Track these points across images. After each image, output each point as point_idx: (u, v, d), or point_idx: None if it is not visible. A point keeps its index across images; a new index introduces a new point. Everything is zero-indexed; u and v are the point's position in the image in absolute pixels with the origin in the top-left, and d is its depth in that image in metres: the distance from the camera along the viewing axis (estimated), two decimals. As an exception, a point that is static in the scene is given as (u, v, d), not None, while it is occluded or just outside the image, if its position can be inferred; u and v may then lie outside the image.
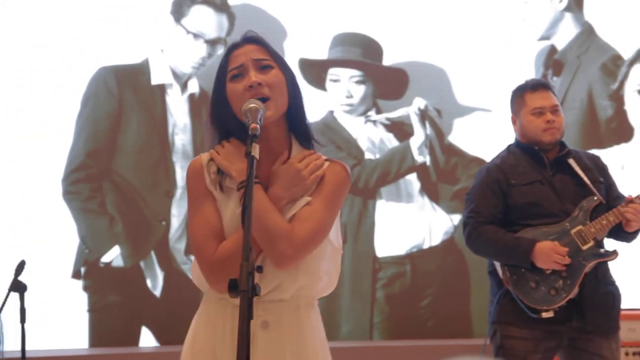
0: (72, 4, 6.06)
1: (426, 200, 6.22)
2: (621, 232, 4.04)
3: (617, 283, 4.15)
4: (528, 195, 4.04)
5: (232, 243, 2.37)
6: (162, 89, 6.09)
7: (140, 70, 6.08)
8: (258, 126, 2.16)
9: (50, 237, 5.88)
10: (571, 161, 4.10)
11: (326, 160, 2.49)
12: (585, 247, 3.99)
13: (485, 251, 4.09)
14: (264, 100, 2.36)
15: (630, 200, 3.99)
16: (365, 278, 6.12)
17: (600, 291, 4.00)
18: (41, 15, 6.00)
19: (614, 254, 4.04)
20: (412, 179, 6.24)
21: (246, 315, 1.72)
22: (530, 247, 3.93)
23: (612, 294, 4.08)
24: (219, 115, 2.48)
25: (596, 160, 4.24)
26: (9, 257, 5.16)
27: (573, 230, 4.00)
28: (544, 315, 3.92)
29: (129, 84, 6.06)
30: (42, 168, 5.93)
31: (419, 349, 5.92)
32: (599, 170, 4.16)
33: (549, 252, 3.91)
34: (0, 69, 5.95)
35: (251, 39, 2.50)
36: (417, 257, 6.21)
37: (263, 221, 2.31)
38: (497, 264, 4.05)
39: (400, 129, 6.27)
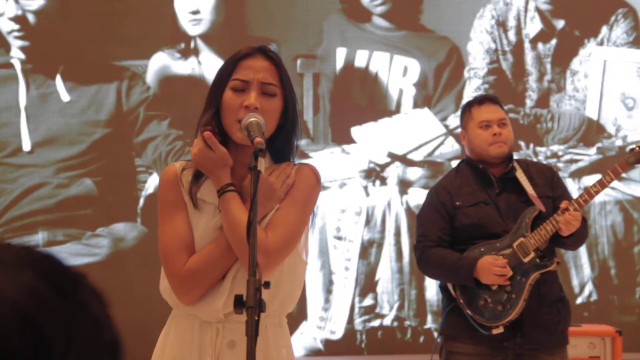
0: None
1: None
2: (558, 239, 4.03)
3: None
4: (472, 217, 4.05)
5: (202, 256, 2.38)
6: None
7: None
8: (264, 140, 2.15)
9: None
10: (519, 175, 4.11)
11: (295, 164, 2.51)
12: (526, 260, 4.00)
13: (434, 274, 4.19)
14: None
15: (566, 208, 3.96)
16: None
17: (544, 309, 4.02)
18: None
19: (553, 263, 4.03)
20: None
21: (253, 332, 1.70)
22: (472, 265, 3.94)
23: (557, 310, 4.08)
24: (208, 107, 2.49)
25: (546, 172, 4.23)
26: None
27: (515, 243, 4.01)
28: (494, 331, 3.94)
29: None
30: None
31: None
32: (548, 184, 4.17)
33: (488, 267, 3.93)
34: None
35: (266, 54, 2.49)
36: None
37: (236, 229, 2.32)
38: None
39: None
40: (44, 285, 0.88)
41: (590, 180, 6.37)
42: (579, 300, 6.36)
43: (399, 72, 6.48)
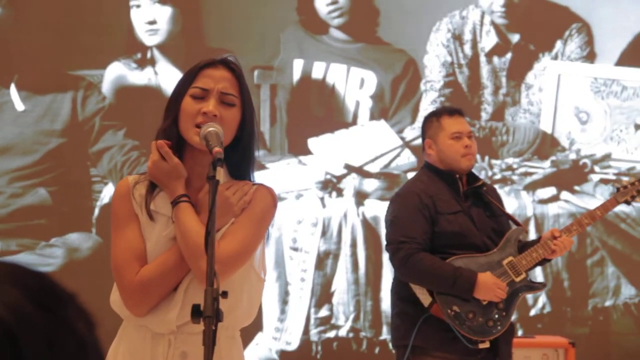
0: None
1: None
2: (541, 261, 4.12)
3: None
4: (454, 225, 4.02)
5: (155, 266, 2.37)
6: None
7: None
8: (222, 150, 2.14)
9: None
10: (485, 192, 4.15)
11: (254, 184, 2.51)
12: (518, 279, 4.04)
13: (421, 279, 3.99)
14: None
15: (559, 236, 4.06)
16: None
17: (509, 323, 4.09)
18: None
19: (544, 285, 4.20)
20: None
21: (211, 342, 1.69)
22: (472, 279, 3.92)
23: (512, 325, 4.14)
24: (167, 116, 2.49)
25: (496, 193, 4.31)
26: None
27: (504, 261, 4.03)
28: (481, 345, 3.94)
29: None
30: None
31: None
32: (500, 202, 4.24)
33: (491, 287, 3.93)
34: None
35: (228, 65, 2.49)
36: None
37: (189, 239, 2.32)
38: (418, 291, 4.00)
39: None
40: (29, 304, 0.88)
41: (544, 193, 6.46)
42: (532, 312, 6.41)
43: (355, 84, 6.50)
